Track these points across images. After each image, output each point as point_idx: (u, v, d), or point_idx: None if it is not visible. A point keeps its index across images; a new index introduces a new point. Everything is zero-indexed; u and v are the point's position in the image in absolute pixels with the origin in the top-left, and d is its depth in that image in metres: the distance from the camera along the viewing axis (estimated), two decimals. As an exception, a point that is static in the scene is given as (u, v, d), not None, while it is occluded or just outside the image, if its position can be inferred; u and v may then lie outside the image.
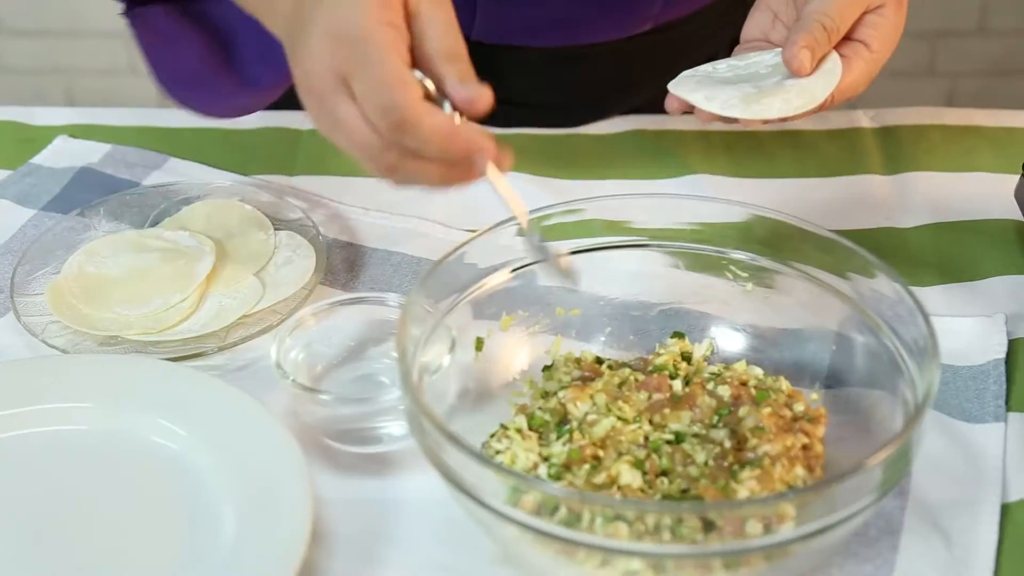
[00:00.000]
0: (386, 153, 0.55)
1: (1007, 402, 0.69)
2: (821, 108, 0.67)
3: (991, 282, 0.79)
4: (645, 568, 0.53)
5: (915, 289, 0.73)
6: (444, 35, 0.56)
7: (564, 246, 0.68)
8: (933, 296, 0.78)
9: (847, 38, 0.68)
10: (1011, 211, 0.84)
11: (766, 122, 0.66)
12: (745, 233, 0.67)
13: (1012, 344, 0.73)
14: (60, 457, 0.65)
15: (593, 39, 0.91)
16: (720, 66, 0.70)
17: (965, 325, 0.74)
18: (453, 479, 0.54)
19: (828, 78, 0.66)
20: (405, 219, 0.85)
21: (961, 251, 0.82)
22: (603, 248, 0.69)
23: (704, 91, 0.67)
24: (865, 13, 0.68)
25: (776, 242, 0.67)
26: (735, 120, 0.66)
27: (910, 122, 0.95)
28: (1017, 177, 0.83)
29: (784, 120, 0.66)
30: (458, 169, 0.57)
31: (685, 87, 0.68)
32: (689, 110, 0.68)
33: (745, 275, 0.68)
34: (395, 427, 0.66)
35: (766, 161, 0.91)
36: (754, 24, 0.73)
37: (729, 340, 0.69)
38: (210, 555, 0.59)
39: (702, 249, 0.68)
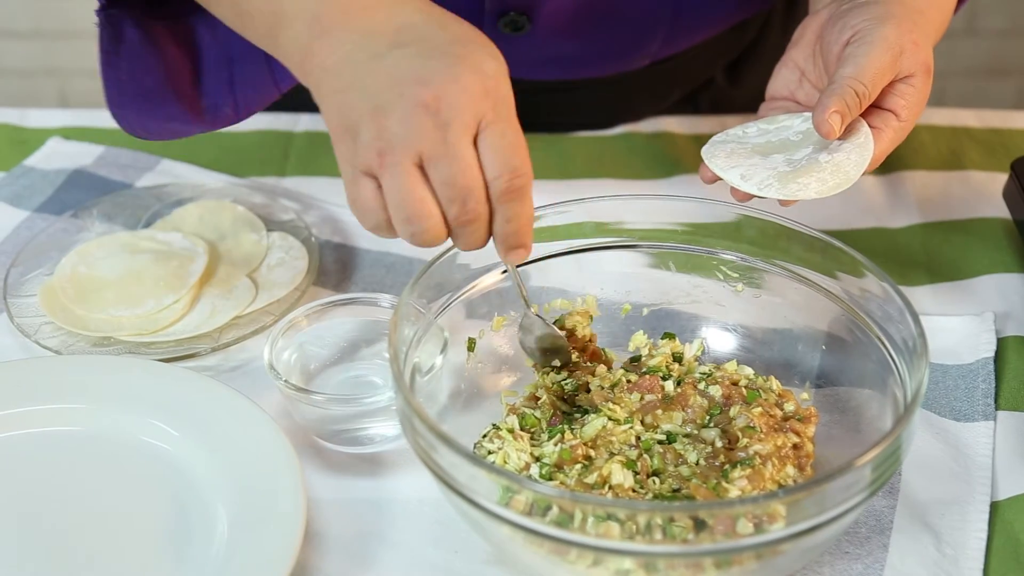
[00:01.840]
0: (477, 204, 0.55)
1: (996, 400, 0.69)
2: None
3: (980, 281, 0.79)
4: (637, 567, 0.53)
5: (904, 288, 0.74)
6: None
7: (554, 247, 0.68)
8: (922, 295, 0.78)
9: (875, 105, 0.68)
10: (1000, 210, 0.84)
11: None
12: (735, 233, 0.68)
13: (1001, 342, 0.73)
14: (53, 458, 0.65)
15: (592, 75, 0.91)
16: (750, 129, 0.70)
17: (954, 324, 0.74)
18: (445, 479, 0.55)
19: (861, 153, 0.66)
20: (397, 220, 0.85)
21: (950, 250, 0.82)
22: (594, 249, 0.69)
23: (738, 166, 0.67)
24: (895, 81, 0.67)
25: (766, 242, 0.67)
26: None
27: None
28: (1005, 176, 0.83)
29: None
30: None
31: (718, 159, 0.68)
32: (720, 180, 0.68)
33: (735, 275, 0.69)
34: (388, 427, 0.67)
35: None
36: (780, 81, 0.73)
37: (720, 340, 0.69)
38: (203, 556, 0.59)
39: (692, 250, 0.69)
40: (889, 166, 0.91)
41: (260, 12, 0.59)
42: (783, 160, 0.68)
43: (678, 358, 0.68)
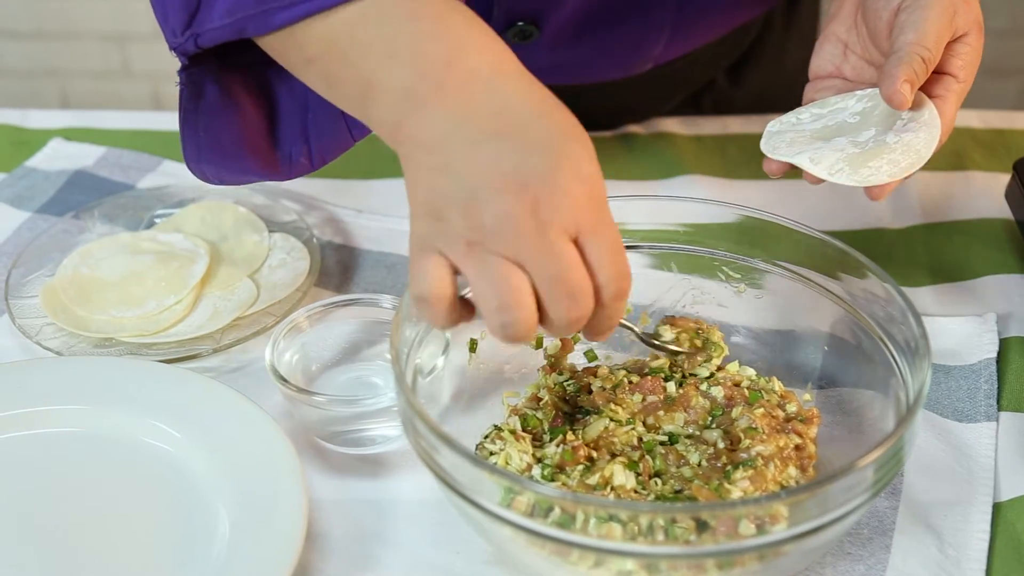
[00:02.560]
0: (588, 302, 0.53)
1: (998, 401, 0.69)
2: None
3: (982, 282, 0.79)
4: (639, 568, 0.53)
5: (906, 289, 0.74)
6: None
7: None
8: (924, 296, 0.78)
9: (934, 71, 0.66)
10: (1002, 211, 0.84)
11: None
12: (737, 234, 0.68)
13: (1003, 343, 0.73)
14: (55, 459, 0.65)
15: (596, 80, 0.91)
16: (803, 116, 0.68)
17: (956, 325, 0.74)
18: (447, 480, 0.55)
19: (929, 131, 0.64)
20: (399, 220, 0.85)
21: (952, 251, 0.82)
22: (596, 250, 0.69)
23: (804, 151, 0.65)
24: (951, 42, 0.66)
25: (768, 243, 0.67)
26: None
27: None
28: (1008, 177, 0.83)
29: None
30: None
31: (781, 148, 0.66)
32: (790, 171, 0.66)
33: (737, 276, 0.68)
34: (389, 429, 0.67)
35: (758, 162, 0.91)
36: (824, 57, 0.71)
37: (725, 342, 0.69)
38: (205, 556, 0.59)
39: (694, 250, 0.69)
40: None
41: (351, 81, 0.56)
42: (848, 143, 0.65)
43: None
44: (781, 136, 0.68)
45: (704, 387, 0.65)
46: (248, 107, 0.65)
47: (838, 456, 0.62)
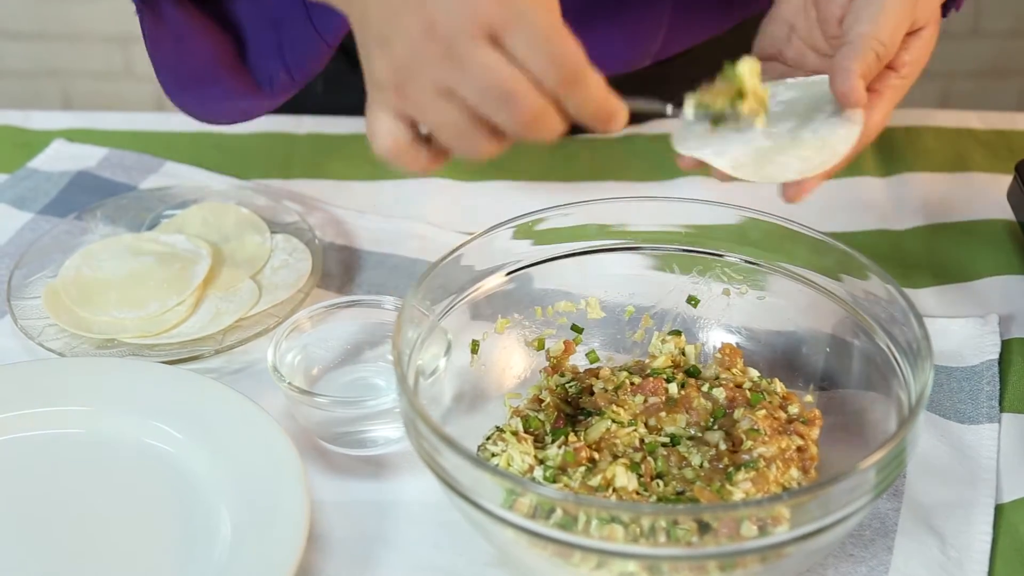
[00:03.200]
0: (529, 100, 0.50)
1: (1001, 403, 0.69)
2: (843, 164, 0.60)
3: (984, 283, 0.79)
4: (641, 570, 0.53)
5: (908, 290, 0.74)
6: None
7: (558, 250, 0.68)
8: (926, 297, 0.78)
9: None
10: (1004, 212, 0.84)
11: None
12: (739, 235, 0.68)
13: (1005, 345, 0.73)
14: (57, 460, 0.65)
15: None
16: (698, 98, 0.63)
17: (958, 326, 0.74)
18: (449, 482, 0.55)
19: (849, 128, 0.59)
20: (401, 221, 0.85)
21: (954, 252, 0.82)
22: (597, 251, 0.69)
23: (711, 144, 0.60)
24: (905, 35, 0.60)
25: (770, 244, 0.67)
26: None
27: (903, 124, 0.96)
28: (1010, 178, 0.83)
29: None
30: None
31: (690, 140, 0.61)
32: (702, 166, 0.61)
33: (739, 277, 0.68)
34: (391, 430, 0.67)
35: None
36: (767, 39, 0.66)
37: (724, 342, 0.69)
38: (206, 558, 0.59)
39: (696, 252, 0.69)
40: (893, 168, 0.91)
41: None
42: (762, 134, 0.60)
43: (683, 354, 0.67)
44: (695, 126, 0.62)
45: (706, 388, 0.65)
46: (213, 30, 0.65)
47: (840, 458, 0.62)
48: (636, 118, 0.96)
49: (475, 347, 0.67)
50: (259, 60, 0.67)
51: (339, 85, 0.86)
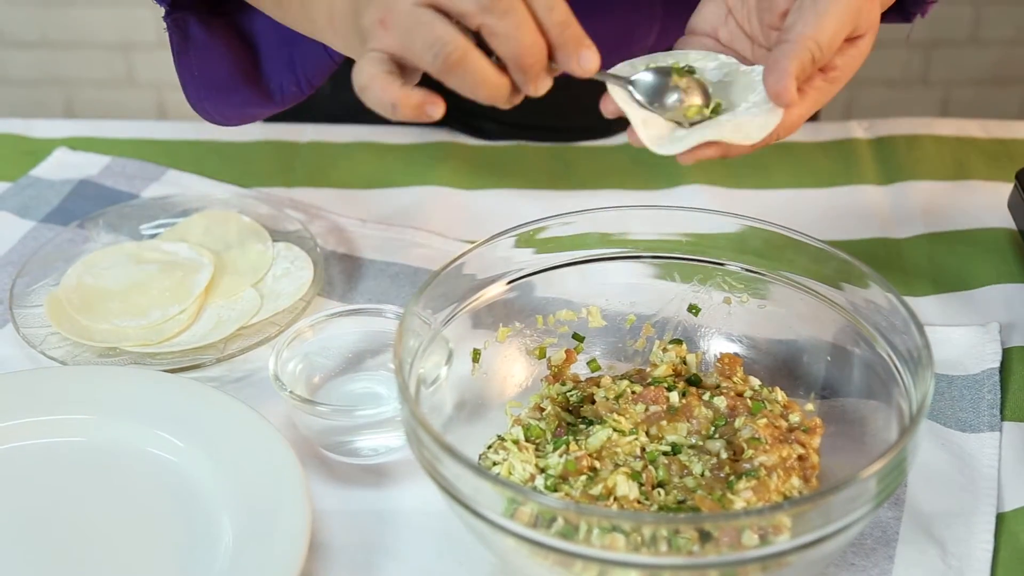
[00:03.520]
0: (528, 21, 0.53)
1: (1002, 411, 0.69)
2: (753, 148, 0.60)
3: (985, 291, 0.79)
4: (641, 579, 0.53)
5: (909, 299, 0.74)
6: None
7: (559, 258, 0.68)
8: (927, 306, 0.78)
9: None
10: (1005, 220, 0.84)
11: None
12: (740, 244, 0.68)
13: (1006, 353, 0.73)
14: (58, 468, 0.65)
15: None
16: (661, 63, 0.62)
17: (959, 334, 0.74)
18: (450, 491, 0.55)
19: (768, 116, 0.59)
20: (403, 230, 0.85)
21: (955, 261, 0.82)
22: (598, 260, 0.69)
23: (638, 112, 0.60)
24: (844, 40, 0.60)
25: (771, 253, 0.67)
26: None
27: (904, 132, 0.96)
28: (1011, 187, 0.83)
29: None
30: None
31: (620, 94, 0.60)
32: (621, 115, 0.60)
33: (740, 286, 0.69)
34: (392, 439, 0.67)
35: (761, 172, 0.92)
36: (704, 16, 0.65)
37: (724, 351, 0.69)
38: (208, 566, 0.59)
39: (697, 260, 0.69)
40: (894, 176, 0.91)
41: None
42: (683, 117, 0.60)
43: (685, 363, 0.67)
44: (617, 91, 0.60)
45: (707, 397, 0.65)
46: (233, 44, 0.74)
47: (841, 466, 0.62)
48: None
49: (476, 356, 0.67)
50: (272, 72, 0.76)
51: (347, 85, 0.89)
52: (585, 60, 0.56)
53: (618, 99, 0.60)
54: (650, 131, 0.59)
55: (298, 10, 0.66)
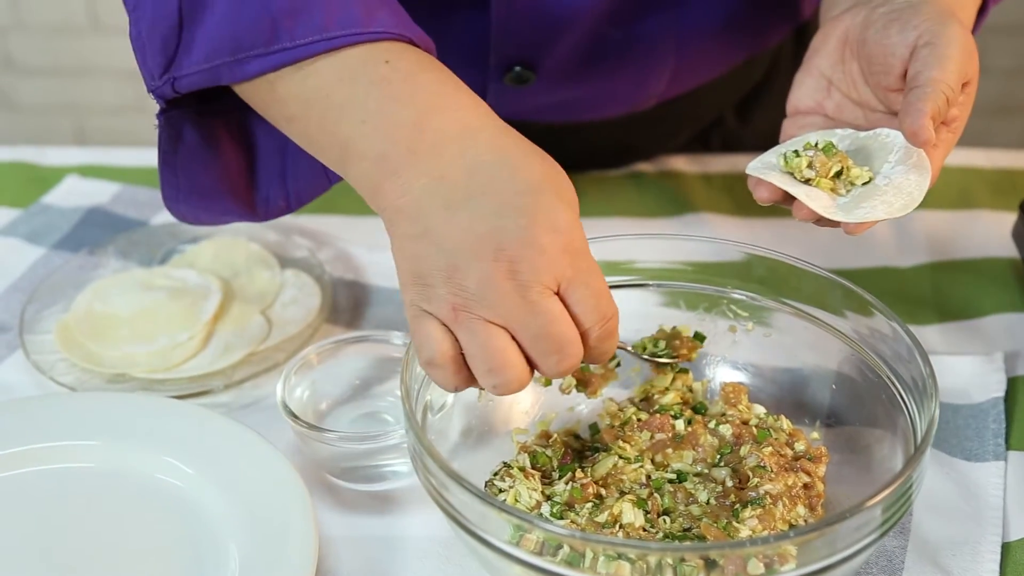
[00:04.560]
0: (576, 351, 0.55)
1: (1007, 440, 0.69)
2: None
3: (989, 320, 0.79)
4: (647, 607, 0.53)
5: (914, 328, 0.74)
6: None
7: None
8: (932, 335, 0.78)
9: None
10: (1009, 250, 0.85)
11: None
12: (745, 273, 0.68)
13: (1011, 382, 0.73)
14: (67, 494, 0.65)
15: (598, 117, 0.92)
16: (788, 153, 0.65)
17: (964, 363, 0.74)
18: (456, 518, 0.55)
19: (920, 173, 0.62)
20: (409, 258, 0.85)
21: (959, 290, 0.82)
22: (605, 288, 0.69)
23: (800, 187, 0.63)
24: None
25: (775, 282, 0.68)
26: (835, 223, 0.62)
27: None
28: (1015, 216, 0.84)
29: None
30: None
31: (774, 176, 0.63)
32: (779, 201, 0.64)
33: (745, 314, 0.69)
34: (399, 465, 0.67)
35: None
36: (805, 92, 0.67)
37: (730, 379, 0.70)
38: (215, 593, 0.59)
39: (702, 289, 0.69)
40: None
41: (330, 144, 0.58)
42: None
43: (691, 391, 0.68)
44: (768, 173, 0.65)
45: (712, 425, 0.65)
46: (227, 149, 0.66)
47: (847, 495, 0.62)
48: (642, 154, 0.98)
49: (483, 383, 0.68)
50: (263, 181, 0.68)
51: None
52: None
53: (778, 181, 0.63)
54: (814, 203, 0.62)
55: (334, 162, 0.58)
